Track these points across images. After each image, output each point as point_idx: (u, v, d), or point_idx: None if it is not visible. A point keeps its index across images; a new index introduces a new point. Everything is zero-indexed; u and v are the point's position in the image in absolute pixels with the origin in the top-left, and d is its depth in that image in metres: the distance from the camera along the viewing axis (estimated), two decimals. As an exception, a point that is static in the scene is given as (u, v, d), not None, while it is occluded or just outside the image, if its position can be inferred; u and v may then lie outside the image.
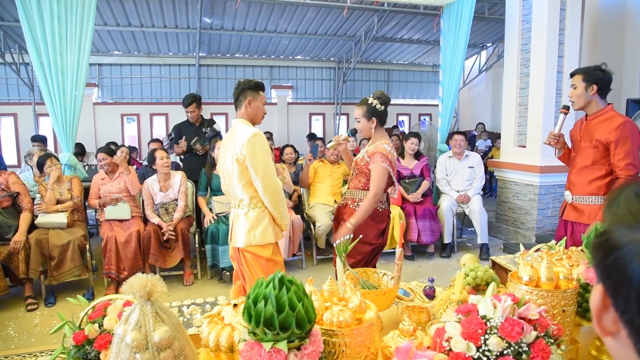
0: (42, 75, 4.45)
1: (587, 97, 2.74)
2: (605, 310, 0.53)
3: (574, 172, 2.91)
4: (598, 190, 2.77)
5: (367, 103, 2.79)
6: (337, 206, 3.15)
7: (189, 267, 4.53)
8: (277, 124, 10.86)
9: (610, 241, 0.50)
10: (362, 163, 2.82)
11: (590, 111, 2.79)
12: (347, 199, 2.94)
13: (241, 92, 2.58)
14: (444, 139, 6.26)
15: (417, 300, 1.58)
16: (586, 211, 2.81)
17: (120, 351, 0.89)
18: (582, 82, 2.73)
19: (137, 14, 7.83)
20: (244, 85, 2.58)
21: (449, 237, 5.24)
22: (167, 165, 4.51)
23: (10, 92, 9.52)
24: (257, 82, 2.61)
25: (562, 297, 1.30)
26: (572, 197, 2.90)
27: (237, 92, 2.61)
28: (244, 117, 2.59)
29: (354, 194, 2.90)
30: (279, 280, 0.93)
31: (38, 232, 3.99)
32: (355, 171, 2.92)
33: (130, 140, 10.13)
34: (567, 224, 2.97)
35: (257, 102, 2.58)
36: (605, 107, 2.75)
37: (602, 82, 2.71)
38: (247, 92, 2.57)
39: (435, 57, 11.20)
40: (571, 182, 2.93)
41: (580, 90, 2.75)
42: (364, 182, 2.85)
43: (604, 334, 0.55)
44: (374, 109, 2.79)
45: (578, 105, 2.80)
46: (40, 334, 3.45)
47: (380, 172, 2.71)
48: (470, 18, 5.68)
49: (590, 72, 2.73)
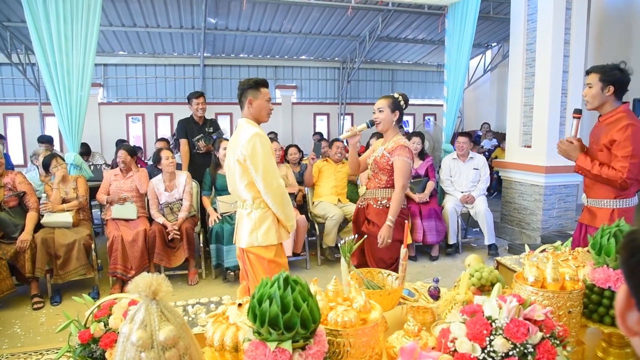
0: (48, 75, 4.48)
1: (602, 98, 2.60)
2: (630, 309, 0.53)
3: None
4: (608, 193, 2.67)
5: (393, 97, 2.82)
6: (356, 209, 3.12)
7: (194, 267, 4.54)
8: (281, 124, 10.87)
9: (635, 241, 0.50)
10: (382, 160, 2.82)
11: (604, 112, 2.66)
12: (368, 199, 2.92)
13: (242, 93, 2.58)
14: (448, 139, 6.25)
15: (421, 300, 1.57)
16: (598, 214, 2.72)
17: (125, 350, 0.89)
18: (599, 82, 2.57)
19: (142, 14, 7.86)
20: (244, 86, 2.58)
21: (453, 238, 5.23)
22: (173, 165, 4.53)
23: (17, 92, 9.58)
24: (257, 79, 2.60)
25: (568, 298, 1.29)
26: (587, 200, 2.82)
27: (239, 93, 2.61)
28: (248, 117, 2.59)
29: (375, 194, 2.90)
30: (284, 280, 0.93)
31: (44, 232, 4.01)
32: (375, 170, 2.91)
33: (135, 140, 10.16)
34: (582, 226, 2.89)
35: (259, 100, 2.57)
36: (618, 107, 2.61)
37: (620, 82, 2.56)
38: (247, 92, 2.56)
39: (439, 57, 11.19)
40: (586, 184, 2.83)
41: (595, 91, 2.60)
42: (385, 179, 2.85)
43: (629, 334, 0.55)
44: (399, 103, 2.82)
45: (592, 106, 2.66)
46: (46, 332, 3.47)
47: (404, 165, 2.75)
48: (475, 17, 5.67)
49: (608, 71, 2.57)
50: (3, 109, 9.45)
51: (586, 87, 2.68)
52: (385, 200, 2.84)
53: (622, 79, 2.58)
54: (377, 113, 2.86)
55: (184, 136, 5.04)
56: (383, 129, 2.89)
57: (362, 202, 3.02)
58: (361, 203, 3.02)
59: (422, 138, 5.47)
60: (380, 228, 2.80)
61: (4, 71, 9.38)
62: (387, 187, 2.85)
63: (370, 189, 2.94)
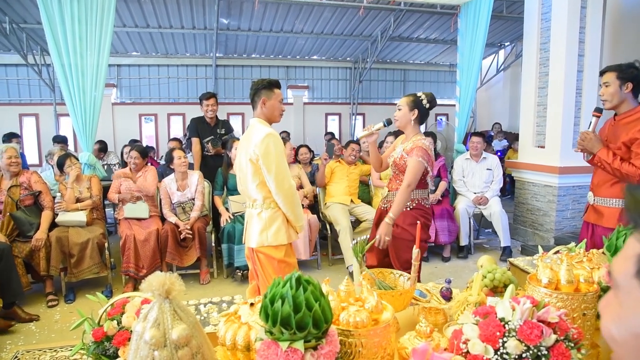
0: (63, 76, 4.54)
1: (621, 95, 2.61)
2: None
3: (597, 174, 2.81)
4: (618, 193, 2.67)
5: (416, 95, 2.80)
6: (378, 210, 3.08)
7: (206, 266, 4.57)
8: (293, 124, 10.88)
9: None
10: (401, 162, 2.81)
11: (621, 111, 2.67)
12: (390, 201, 2.90)
13: (255, 93, 2.60)
14: (461, 139, 6.21)
15: (433, 301, 1.56)
16: (605, 213, 2.72)
17: (138, 348, 0.90)
18: (617, 80, 2.60)
19: (155, 15, 7.92)
20: (258, 86, 2.59)
21: (465, 239, 5.20)
22: (185, 165, 4.56)
23: (32, 93, 9.71)
24: (271, 80, 2.62)
25: (582, 300, 1.27)
26: (594, 199, 2.82)
27: (252, 92, 2.62)
28: (261, 117, 2.60)
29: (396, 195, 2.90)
30: (296, 280, 0.93)
31: (58, 230, 4.06)
32: (395, 171, 2.91)
33: (147, 140, 10.24)
34: (588, 226, 2.89)
35: (272, 100, 2.58)
36: (637, 107, 2.62)
37: (637, 80, 2.59)
38: (261, 92, 2.58)
39: (452, 57, 11.11)
40: (594, 183, 2.84)
41: (614, 89, 2.61)
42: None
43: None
44: (420, 102, 2.79)
45: (611, 104, 2.67)
46: (61, 329, 3.51)
47: (415, 165, 2.71)
48: (488, 17, 5.61)
49: (624, 69, 2.60)
50: (19, 109, 9.59)
51: (602, 86, 2.68)
52: (408, 201, 2.83)
53: (639, 77, 2.59)
54: (397, 110, 2.86)
55: (195, 135, 5.06)
56: (400, 125, 2.89)
57: (384, 203, 2.99)
58: (384, 205, 2.99)
59: (434, 138, 5.44)
60: (404, 230, 2.78)
61: (20, 72, 9.51)
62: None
63: (391, 190, 2.93)
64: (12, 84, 9.65)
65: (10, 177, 3.99)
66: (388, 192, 2.97)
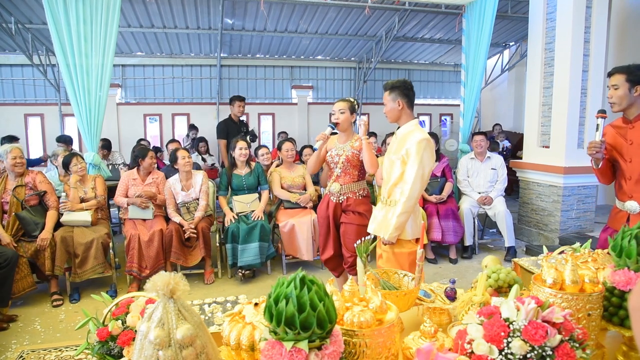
0: (68, 76, 4.55)
1: (630, 98, 2.50)
2: None
3: (634, 180, 2.57)
4: None
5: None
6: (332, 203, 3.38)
7: (210, 266, 4.58)
8: (297, 124, 10.88)
9: None
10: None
11: (632, 114, 2.55)
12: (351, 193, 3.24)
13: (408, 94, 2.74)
14: (465, 139, 6.19)
15: (438, 301, 1.56)
16: None
17: (143, 348, 0.90)
18: (626, 83, 2.48)
19: (159, 15, 7.94)
20: (408, 86, 2.76)
21: (470, 239, 5.18)
22: (189, 164, 4.57)
23: (38, 93, 9.75)
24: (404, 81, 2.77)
25: (587, 300, 1.27)
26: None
27: (402, 92, 2.72)
28: (410, 119, 2.73)
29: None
30: (300, 280, 0.93)
31: (63, 230, 4.08)
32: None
33: (152, 140, 10.27)
34: (613, 233, 2.76)
35: None
36: None
37: None
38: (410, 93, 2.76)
39: (456, 57, 11.08)
40: (634, 190, 2.58)
41: (623, 92, 2.49)
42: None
43: None
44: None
45: (620, 107, 2.55)
46: (65, 329, 3.53)
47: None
48: (493, 17, 5.60)
49: (633, 71, 2.48)
50: (24, 110, 9.62)
51: (610, 88, 2.57)
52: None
53: None
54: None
55: (224, 137, 5.22)
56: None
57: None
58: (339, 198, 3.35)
59: (436, 139, 5.41)
60: (356, 216, 3.24)
61: (26, 72, 9.55)
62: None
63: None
64: (18, 84, 9.69)
65: (15, 177, 4.01)
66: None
